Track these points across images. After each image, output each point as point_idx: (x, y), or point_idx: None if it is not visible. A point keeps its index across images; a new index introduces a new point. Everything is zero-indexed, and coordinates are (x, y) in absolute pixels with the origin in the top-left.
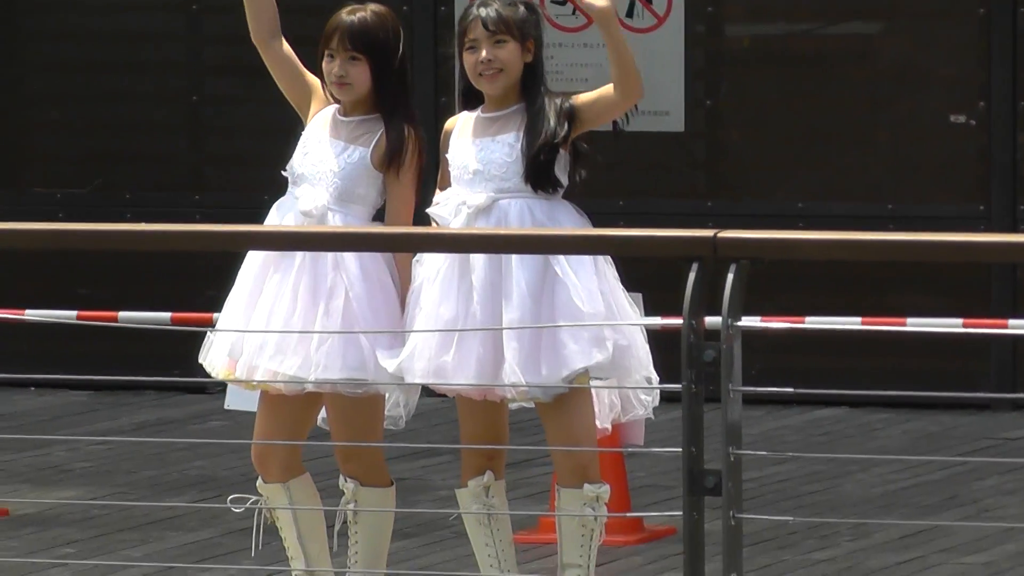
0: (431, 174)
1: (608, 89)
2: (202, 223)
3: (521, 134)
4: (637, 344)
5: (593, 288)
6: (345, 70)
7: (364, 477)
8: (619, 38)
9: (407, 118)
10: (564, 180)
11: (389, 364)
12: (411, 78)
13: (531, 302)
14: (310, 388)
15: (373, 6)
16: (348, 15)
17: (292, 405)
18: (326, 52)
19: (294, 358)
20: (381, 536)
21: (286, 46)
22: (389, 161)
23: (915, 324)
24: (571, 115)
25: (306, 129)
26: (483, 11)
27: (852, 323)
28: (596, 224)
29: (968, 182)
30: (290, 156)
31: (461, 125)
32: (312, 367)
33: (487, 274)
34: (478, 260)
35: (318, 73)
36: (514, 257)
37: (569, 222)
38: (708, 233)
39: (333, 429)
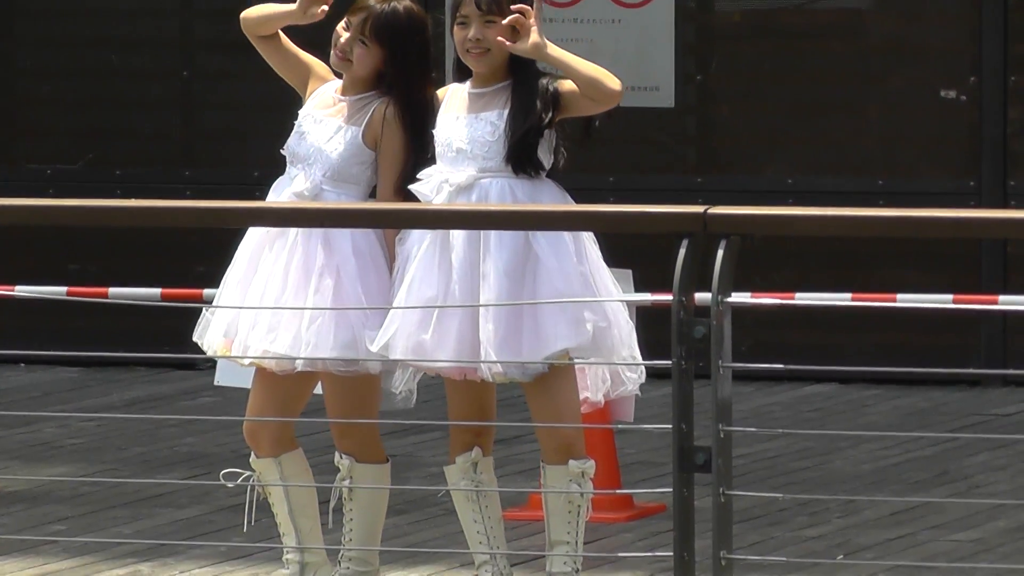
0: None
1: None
2: (193, 199)
3: (505, 112)
4: (619, 323)
5: (571, 270)
6: (351, 46)
7: (359, 454)
8: (564, 61)
9: (398, 98)
10: (547, 161)
11: (375, 344)
12: (423, 74)
13: (508, 282)
14: (299, 366)
15: (408, 2)
16: (380, 2)
17: (286, 381)
18: (345, 20)
19: (285, 336)
20: (376, 512)
21: (279, 36)
22: (377, 140)
23: (905, 300)
24: (556, 99)
25: (303, 108)
26: None
27: (842, 299)
28: (586, 200)
29: (959, 157)
30: (287, 135)
31: (449, 98)
32: (303, 345)
33: (466, 254)
34: (458, 239)
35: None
36: (492, 237)
37: (551, 201)
38: (698, 209)
39: (328, 406)
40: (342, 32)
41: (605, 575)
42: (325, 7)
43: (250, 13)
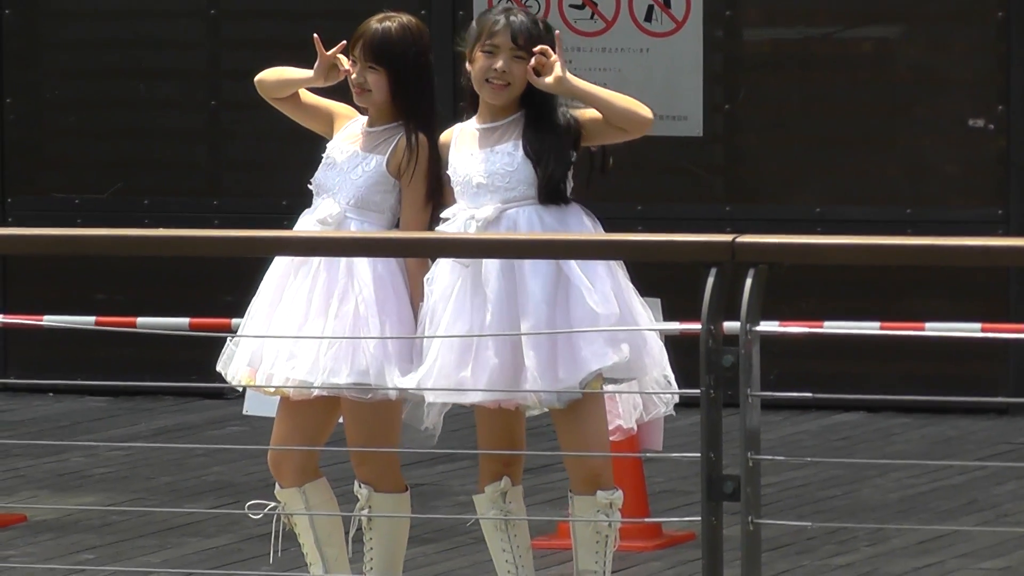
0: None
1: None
2: (220, 228)
3: (520, 142)
4: (651, 343)
5: (607, 290)
6: (364, 77)
7: (377, 482)
8: (591, 93)
9: (422, 126)
10: (570, 187)
11: (406, 383)
12: (433, 96)
13: (546, 308)
14: (316, 392)
15: (404, 17)
16: (376, 23)
17: (310, 410)
18: (352, 55)
19: (303, 362)
20: (396, 542)
21: (297, 94)
22: (401, 168)
23: (933, 328)
24: (578, 129)
25: (331, 142)
26: (514, 21)
27: (871, 327)
28: (614, 229)
29: (986, 186)
30: (315, 164)
31: (457, 137)
32: (320, 372)
33: (501, 284)
34: (491, 272)
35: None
36: (526, 266)
37: (579, 227)
38: (726, 238)
39: (348, 433)
40: (352, 69)
41: None
42: (345, 66)
43: (266, 77)
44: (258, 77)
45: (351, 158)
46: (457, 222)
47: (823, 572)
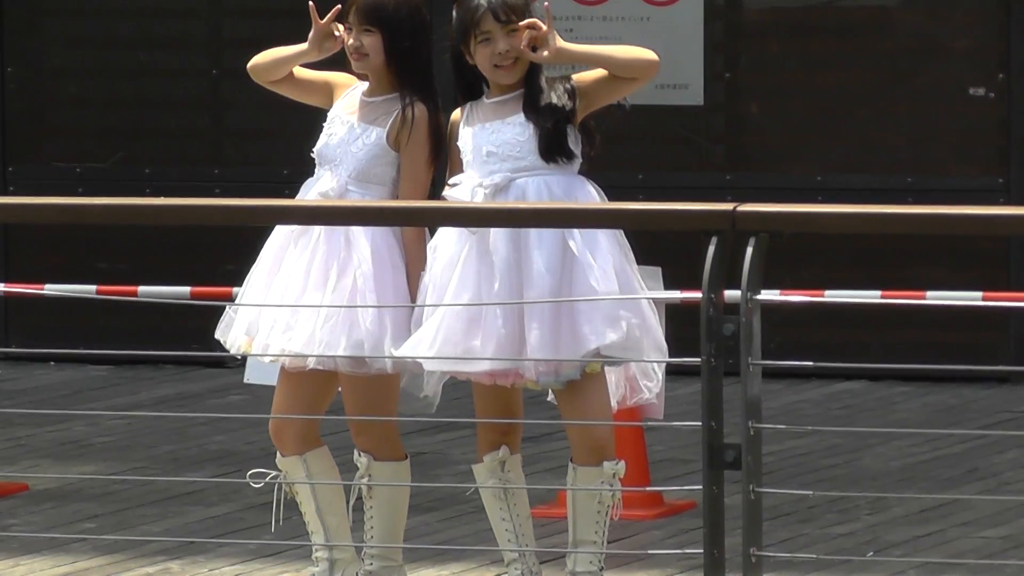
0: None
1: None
2: (222, 197)
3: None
4: (651, 323)
5: (608, 268)
6: (360, 41)
7: (377, 451)
8: (593, 53)
9: (422, 97)
10: (577, 151)
11: (407, 350)
12: (429, 60)
13: (551, 279)
14: (311, 363)
15: None
16: None
17: (310, 379)
18: (346, 25)
19: (300, 334)
20: (396, 510)
21: (292, 73)
22: (400, 139)
23: (934, 297)
24: (573, 94)
25: (331, 110)
26: (489, 0)
27: (871, 296)
28: (615, 197)
29: (987, 154)
30: (316, 134)
31: (468, 113)
32: (316, 343)
33: (509, 253)
34: (499, 241)
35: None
36: (532, 236)
37: (586, 198)
38: (727, 207)
39: (346, 403)
40: (347, 36)
41: (635, 572)
42: (339, 33)
43: (259, 61)
44: (250, 64)
45: (351, 130)
46: (464, 188)
47: (824, 540)
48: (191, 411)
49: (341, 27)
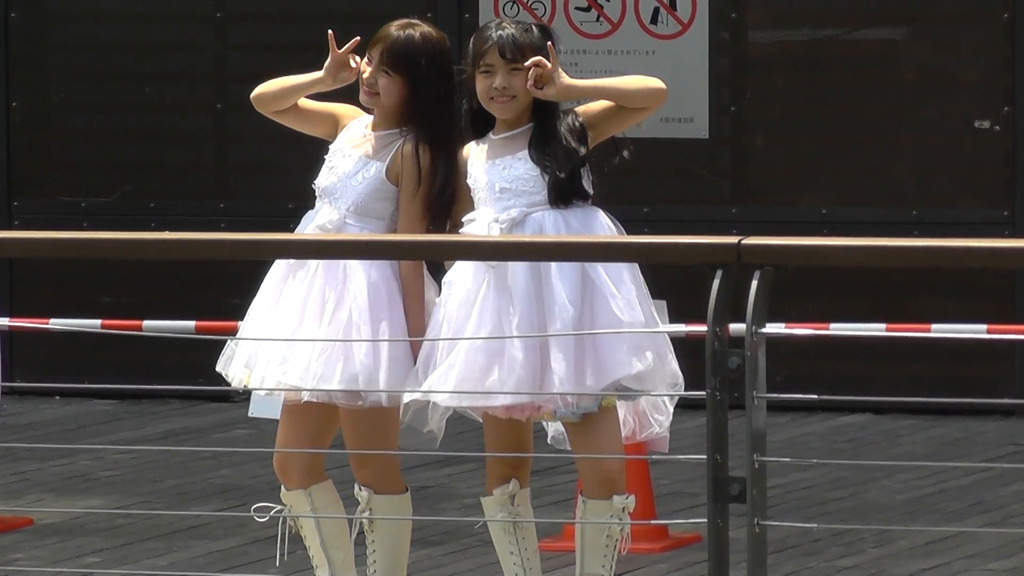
0: (451, 197)
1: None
2: (227, 231)
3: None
4: (666, 355)
5: (632, 297)
6: (376, 79)
7: (377, 485)
8: (599, 87)
9: (426, 136)
10: (590, 188)
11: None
12: (445, 103)
13: (573, 311)
14: (306, 397)
15: (426, 28)
16: (398, 29)
17: (313, 413)
18: (368, 54)
19: (295, 367)
20: (399, 543)
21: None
22: (399, 175)
23: (940, 330)
24: (583, 131)
25: (333, 144)
26: (500, 36)
27: (876, 329)
28: None
29: (993, 187)
30: (320, 168)
31: (476, 150)
32: (311, 376)
33: (527, 287)
34: (518, 275)
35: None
36: (553, 269)
37: (602, 231)
38: (732, 240)
39: (346, 436)
40: (365, 67)
41: None
42: (355, 64)
43: (265, 90)
44: (255, 92)
45: (352, 163)
46: (480, 224)
47: (829, 574)
48: (196, 445)
49: (358, 58)
